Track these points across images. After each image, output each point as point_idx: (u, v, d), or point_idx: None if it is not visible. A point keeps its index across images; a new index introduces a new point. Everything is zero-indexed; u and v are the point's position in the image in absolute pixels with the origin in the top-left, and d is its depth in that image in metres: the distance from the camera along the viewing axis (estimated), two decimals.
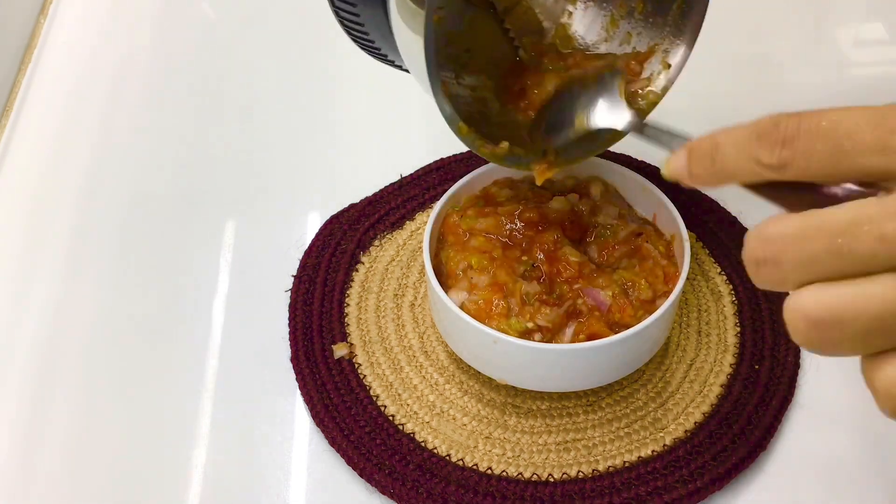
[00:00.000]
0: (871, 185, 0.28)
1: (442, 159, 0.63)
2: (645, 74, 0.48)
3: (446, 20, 0.43)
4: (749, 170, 0.30)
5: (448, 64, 0.47)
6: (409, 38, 0.39)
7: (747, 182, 0.30)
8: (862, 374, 0.28)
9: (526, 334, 0.46)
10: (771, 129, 0.28)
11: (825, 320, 0.27)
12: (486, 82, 0.48)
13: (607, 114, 0.44)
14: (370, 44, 0.47)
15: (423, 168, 0.62)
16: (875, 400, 0.27)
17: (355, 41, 0.47)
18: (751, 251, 0.28)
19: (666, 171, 0.35)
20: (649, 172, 0.60)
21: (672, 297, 0.46)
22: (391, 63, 0.48)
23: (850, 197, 0.28)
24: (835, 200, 0.28)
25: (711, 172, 0.32)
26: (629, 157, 0.62)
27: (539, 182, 0.47)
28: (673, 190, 0.59)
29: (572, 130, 0.45)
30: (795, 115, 0.28)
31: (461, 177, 0.52)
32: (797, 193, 0.30)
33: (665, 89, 0.48)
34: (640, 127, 0.42)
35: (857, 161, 0.27)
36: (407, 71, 0.46)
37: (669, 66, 0.47)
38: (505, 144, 0.45)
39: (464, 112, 0.43)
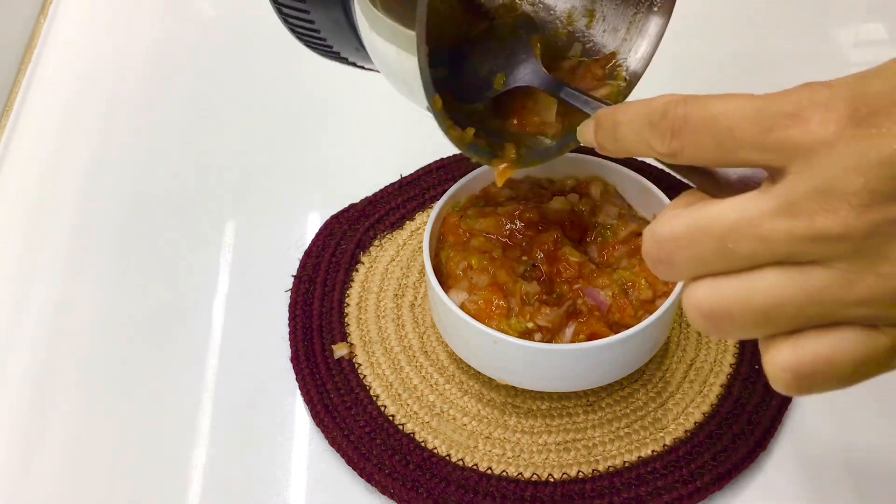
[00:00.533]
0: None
1: (442, 159, 0.63)
2: (622, 51, 0.47)
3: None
4: (645, 152, 0.31)
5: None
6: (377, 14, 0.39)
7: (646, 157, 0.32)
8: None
9: (526, 334, 0.46)
10: (660, 119, 0.29)
11: (716, 313, 0.28)
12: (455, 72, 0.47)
13: (524, 73, 0.44)
14: (321, 42, 0.46)
15: (423, 168, 0.62)
16: (769, 380, 0.29)
17: (300, 39, 0.47)
18: (646, 250, 0.30)
19: (579, 136, 0.37)
20: (649, 172, 0.60)
21: (672, 297, 0.46)
22: (344, 60, 0.48)
23: (742, 182, 0.30)
24: (728, 185, 0.30)
25: (615, 148, 0.33)
26: (629, 157, 0.62)
27: (499, 183, 0.45)
28: (673, 190, 0.59)
29: (491, 91, 0.45)
30: (683, 101, 0.29)
31: (461, 177, 0.52)
32: (698, 174, 0.31)
33: (645, 62, 0.47)
34: (556, 88, 0.42)
35: (739, 155, 0.28)
36: (364, 68, 0.45)
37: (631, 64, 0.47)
38: (470, 130, 0.44)
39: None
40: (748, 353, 0.52)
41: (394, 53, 0.39)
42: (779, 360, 0.28)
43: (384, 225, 0.59)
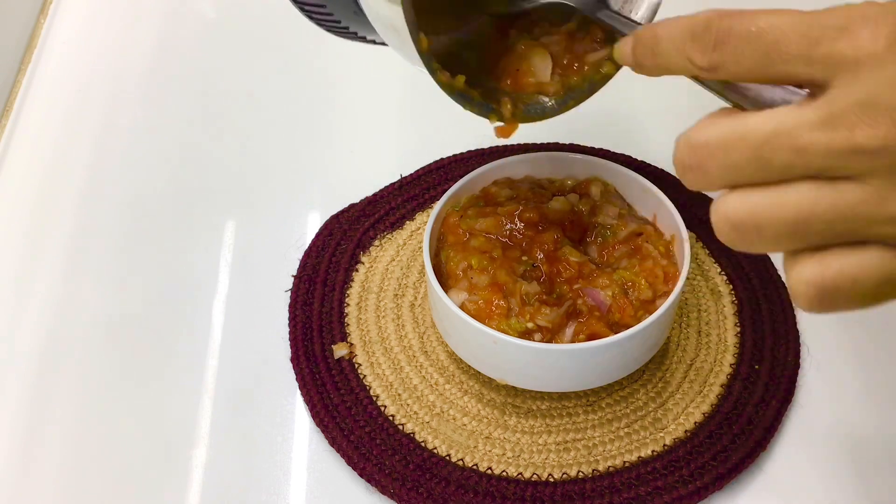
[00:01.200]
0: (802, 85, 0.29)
1: (442, 159, 0.63)
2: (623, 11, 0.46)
3: None
4: (684, 67, 0.31)
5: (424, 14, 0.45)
6: None
7: (685, 75, 0.31)
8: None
9: (526, 334, 0.46)
10: (703, 31, 0.29)
11: (745, 224, 0.28)
12: (462, 35, 0.46)
13: None
14: (319, 8, 0.45)
15: (423, 168, 0.62)
16: (791, 295, 0.29)
17: (301, 8, 0.46)
18: (679, 156, 0.30)
19: (615, 54, 0.36)
20: (649, 172, 0.61)
21: (672, 297, 0.46)
22: (344, 31, 0.47)
23: (776, 103, 0.29)
24: (763, 104, 0.30)
25: (653, 64, 0.33)
26: (629, 157, 0.62)
27: (499, 136, 0.44)
28: (673, 190, 0.59)
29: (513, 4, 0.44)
30: (727, 15, 0.29)
31: (461, 177, 0.52)
32: (734, 91, 0.31)
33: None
34: (594, 7, 0.42)
35: (783, 68, 0.28)
36: (372, 42, 0.45)
37: None
38: (461, 78, 0.42)
39: (438, 51, 0.41)
40: (748, 353, 0.52)
41: None
42: (803, 275, 0.28)
43: (384, 225, 0.59)
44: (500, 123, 0.44)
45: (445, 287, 0.48)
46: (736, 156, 0.28)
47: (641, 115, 0.68)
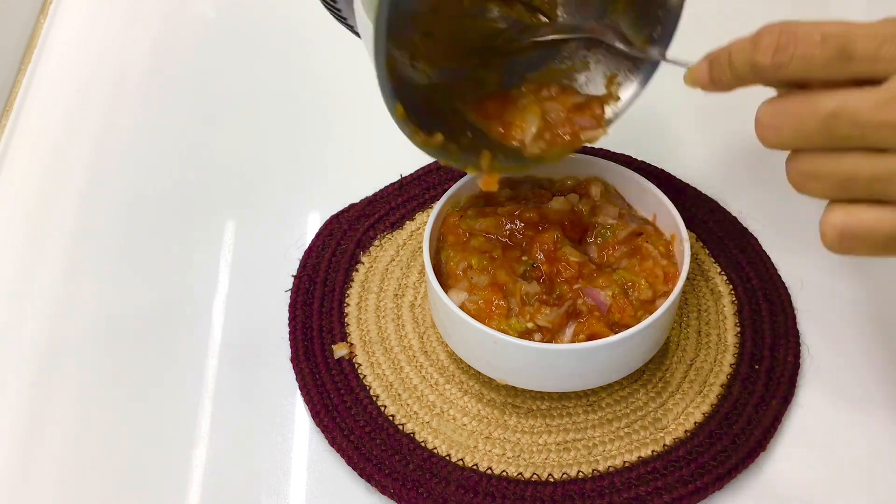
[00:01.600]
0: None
1: None
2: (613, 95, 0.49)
3: None
4: (754, 74, 0.36)
5: (403, 44, 0.46)
6: (365, 4, 0.39)
7: (758, 83, 0.37)
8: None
9: (526, 334, 0.46)
10: (769, 38, 0.35)
11: (808, 172, 0.36)
12: (442, 75, 0.46)
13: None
14: (338, 11, 0.46)
15: (423, 168, 0.62)
16: (820, 234, 0.36)
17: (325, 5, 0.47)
18: (761, 116, 0.36)
19: (688, 80, 0.41)
20: (649, 172, 0.61)
21: (672, 297, 0.46)
22: (351, 28, 0.47)
23: None
24: None
25: (731, 77, 0.37)
26: (629, 157, 0.62)
27: (484, 187, 0.46)
28: (673, 190, 0.59)
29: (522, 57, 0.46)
30: (789, 24, 0.34)
31: (461, 177, 0.52)
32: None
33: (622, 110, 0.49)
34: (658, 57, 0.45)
35: (851, 66, 0.33)
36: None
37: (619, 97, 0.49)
38: (439, 136, 0.43)
39: (412, 96, 0.42)
40: (748, 353, 0.52)
41: (366, 41, 0.39)
42: (832, 219, 0.35)
43: (384, 225, 0.59)
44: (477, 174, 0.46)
45: (445, 287, 0.48)
46: (807, 123, 0.34)
47: (642, 115, 0.68)
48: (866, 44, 0.33)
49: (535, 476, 0.47)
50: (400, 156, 0.63)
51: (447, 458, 0.48)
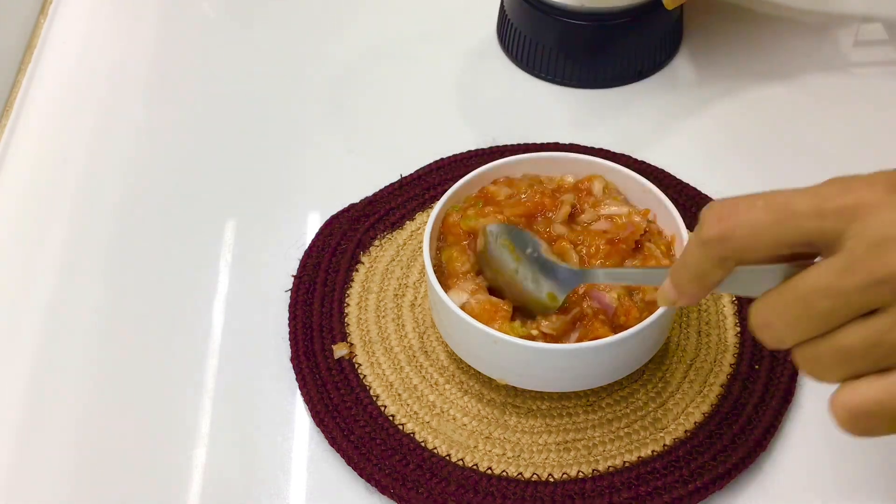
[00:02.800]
0: (809, 256, 0.34)
1: (442, 159, 0.63)
2: None
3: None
4: (705, 260, 0.35)
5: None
6: None
7: (718, 274, 0.35)
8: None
9: (529, 339, 0.45)
10: (708, 212, 0.34)
11: (809, 359, 0.34)
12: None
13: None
14: None
15: (423, 168, 0.62)
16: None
17: None
18: (752, 320, 0.35)
19: (661, 302, 0.41)
20: (649, 172, 0.60)
21: None
22: None
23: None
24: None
25: (690, 276, 0.36)
26: (629, 157, 0.62)
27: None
28: (673, 190, 0.59)
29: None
30: (724, 200, 0.34)
31: (461, 177, 0.52)
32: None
33: None
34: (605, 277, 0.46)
35: (797, 224, 0.32)
36: None
37: None
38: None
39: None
40: (748, 353, 0.52)
41: None
42: (838, 400, 0.33)
43: (384, 225, 0.59)
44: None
45: (446, 287, 0.48)
46: (791, 310, 0.33)
47: (642, 116, 0.68)
48: (808, 201, 0.32)
49: (535, 476, 0.47)
50: (400, 156, 0.63)
51: (447, 457, 0.48)
